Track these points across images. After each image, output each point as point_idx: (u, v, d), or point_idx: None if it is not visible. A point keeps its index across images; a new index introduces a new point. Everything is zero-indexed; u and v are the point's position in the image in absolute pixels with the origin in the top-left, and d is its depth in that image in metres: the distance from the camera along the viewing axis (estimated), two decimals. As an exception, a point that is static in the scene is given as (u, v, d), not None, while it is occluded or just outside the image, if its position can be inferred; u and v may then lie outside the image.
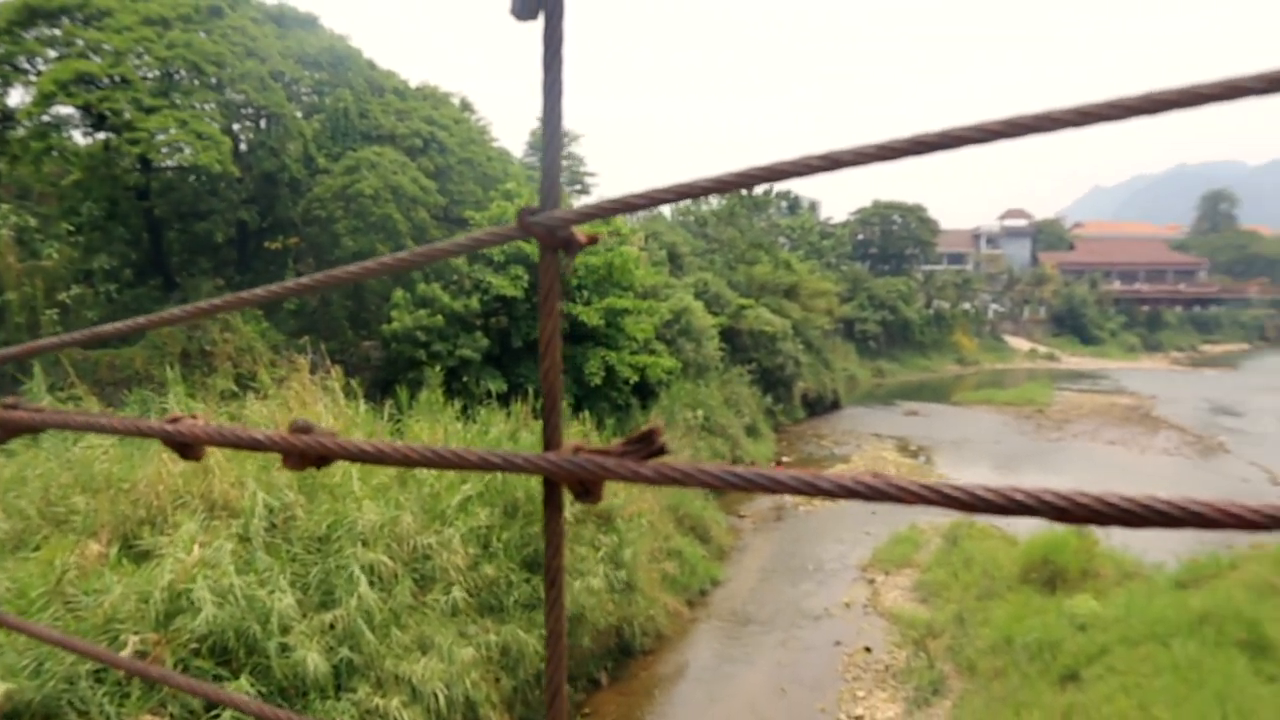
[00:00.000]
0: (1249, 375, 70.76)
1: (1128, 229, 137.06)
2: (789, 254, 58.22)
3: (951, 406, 51.52)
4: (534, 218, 0.68)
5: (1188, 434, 42.64)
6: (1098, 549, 18.41)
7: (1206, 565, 16.84)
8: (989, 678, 14.80)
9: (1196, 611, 13.90)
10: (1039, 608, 16.26)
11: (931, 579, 20.17)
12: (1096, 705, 12.19)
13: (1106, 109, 0.59)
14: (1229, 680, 11.78)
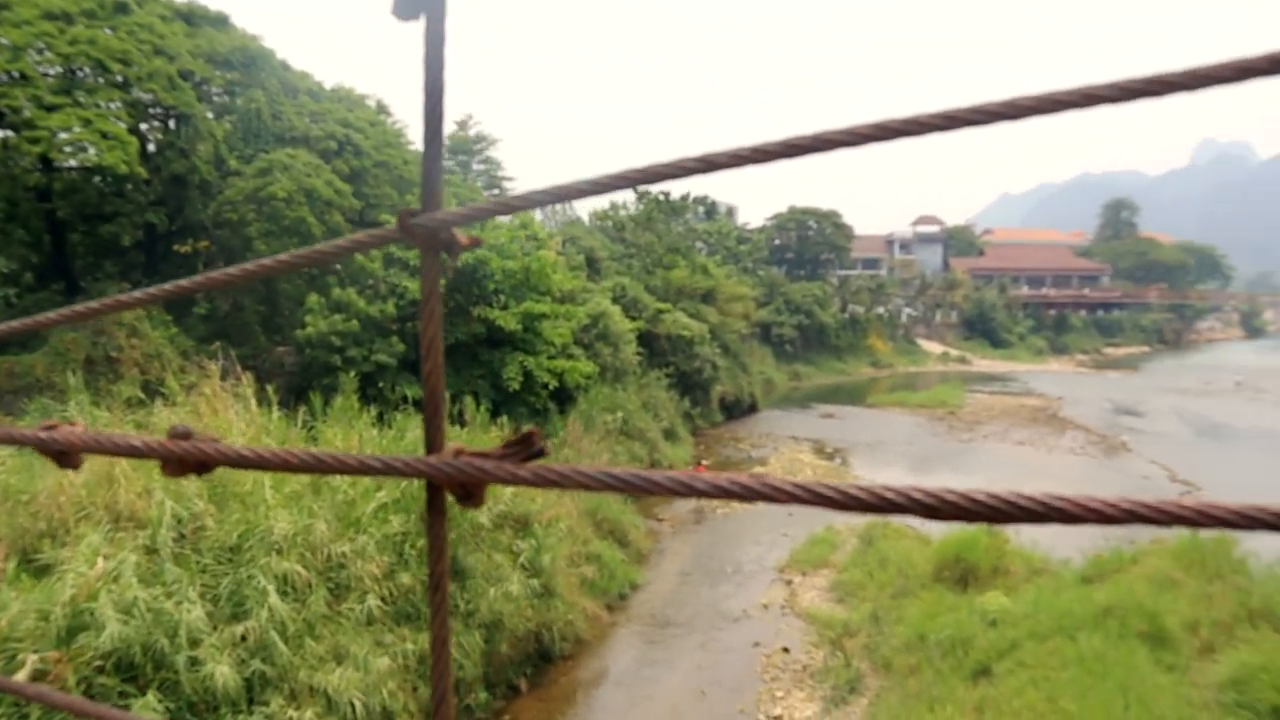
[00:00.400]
0: (1149, 377, 73.21)
1: (1035, 235, 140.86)
2: (706, 259, 58.61)
3: (866, 409, 52.32)
4: (415, 220, 0.67)
5: (1092, 434, 43.94)
6: (1008, 547, 18.87)
7: (1110, 560, 17.36)
8: (904, 675, 15.06)
9: (1101, 605, 14.33)
10: (952, 605, 16.60)
11: (848, 579, 20.46)
12: (1007, 699, 12.49)
13: (1037, 102, 0.61)
14: (1131, 670, 12.17)
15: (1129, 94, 0.58)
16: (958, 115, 0.62)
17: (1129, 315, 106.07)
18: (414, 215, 0.68)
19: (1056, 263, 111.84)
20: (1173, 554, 16.29)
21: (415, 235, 0.68)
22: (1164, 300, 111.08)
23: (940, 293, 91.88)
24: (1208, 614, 14.02)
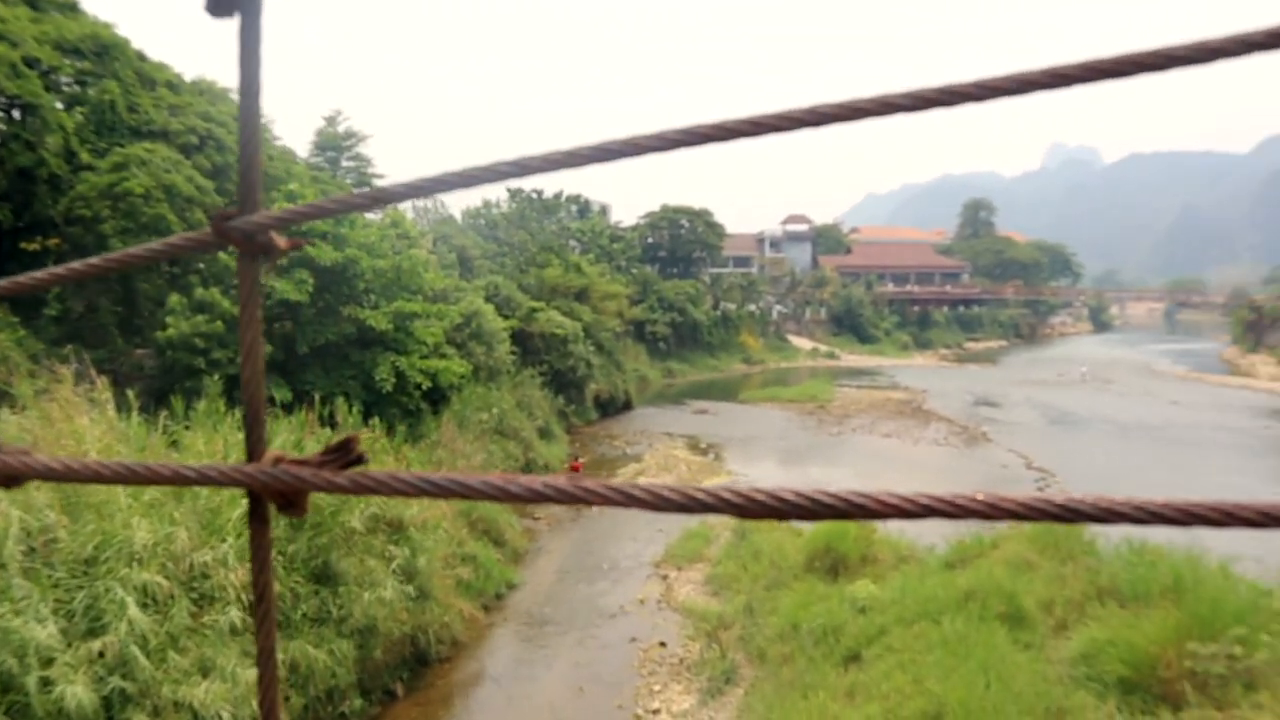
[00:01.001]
0: (1007, 370, 76.31)
1: (899, 234, 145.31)
2: (580, 257, 58.67)
3: (739, 405, 53.09)
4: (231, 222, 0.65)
5: (955, 425, 45.54)
6: (876, 536, 19.43)
7: (972, 546, 18.01)
8: (778, 664, 15.35)
9: (963, 589, 14.87)
10: (823, 594, 16.99)
11: (722, 572, 20.74)
12: (876, 683, 12.85)
13: (907, 99, 0.62)
14: (991, 650, 12.66)
15: (992, 92, 0.60)
16: (826, 111, 0.63)
17: (988, 311, 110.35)
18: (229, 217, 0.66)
19: (920, 260, 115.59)
20: (1029, 538, 17.00)
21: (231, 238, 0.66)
22: (1020, 296, 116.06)
23: (809, 290, 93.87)
24: (1061, 593, 14.69)
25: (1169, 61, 0.56)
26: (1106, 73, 0.57)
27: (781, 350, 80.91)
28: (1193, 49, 0.55)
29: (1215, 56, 0.55)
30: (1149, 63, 0.56)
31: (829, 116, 0.63)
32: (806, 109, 0.63)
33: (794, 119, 0.63)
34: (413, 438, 24.85)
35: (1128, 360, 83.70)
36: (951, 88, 0.62)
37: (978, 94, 0.61)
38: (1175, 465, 35.50)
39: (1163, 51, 0.56)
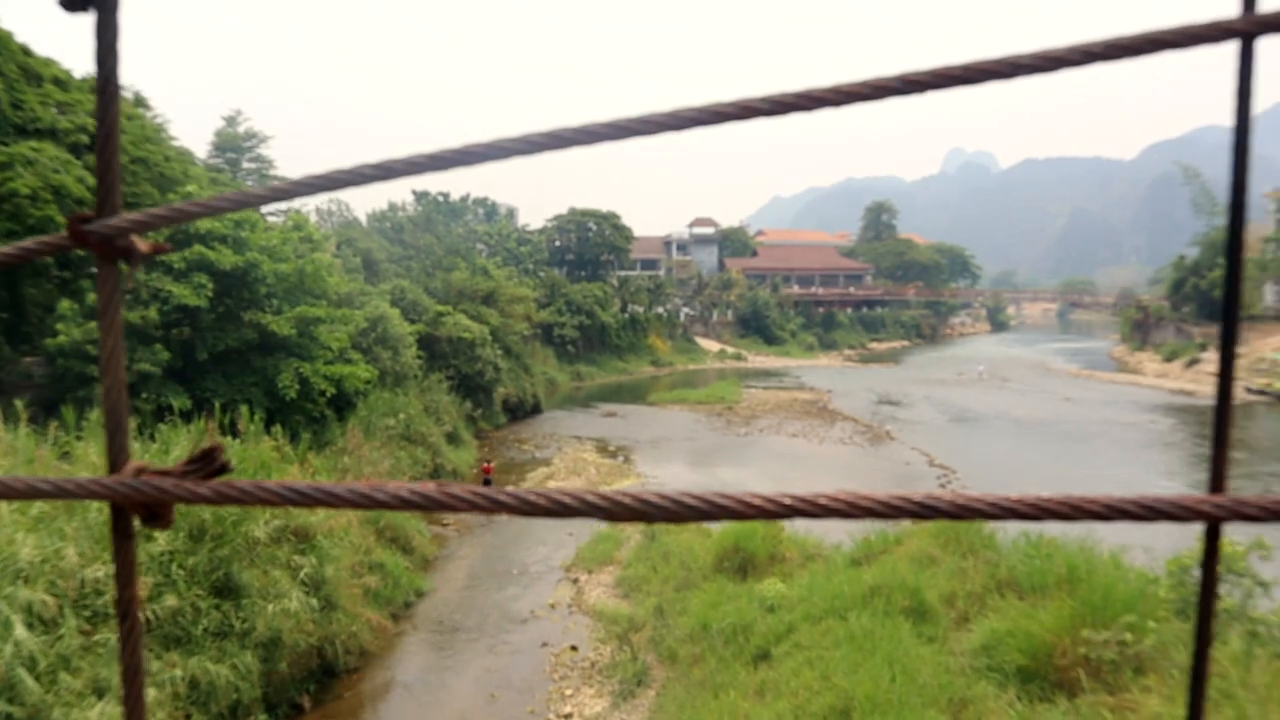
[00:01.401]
0: (909, 369, 78.03)
1: (804, 236, 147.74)
2: (487, 260, 58.31)
3: (648, 407, 53.31)
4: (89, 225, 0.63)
5: (860, 424, 46.40)
6: (784, 535, 19.69)
7: (877, 543, 18.37)
8: (689, 664, 15.44)
9: (869, 585, 15.16)
10: (732, 594, 17.15)
11: (632, 574, 20.79)
12: (785, 680, 13.02)
13: (800, 99, 0.63)
14: (896, 644, 12.94)
15: (915, 87, 0.62)
16: (750, 105, 0.64)
17: (890, 312, 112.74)
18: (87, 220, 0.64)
19: (824, 262, 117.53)
20: (932, 534, 17.40)
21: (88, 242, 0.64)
22: (921, 297, 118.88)
23: (716, 292, 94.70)
24: (963, 587, 15.06)
25: (1015, 70, 0.59)
26: (958, 79, 0.59)
27: (689, 352, 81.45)
28: (1038, 58, 0.59)
29: (1058, 66, 0.59)
30: (998, 70, 0.58)
31: (752, 111, 0.64)
32: (731, 103, 0.64)
33: (718, 113, 0.64)
34: (318, 445, 24.40)
35: (1024, 359, 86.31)
36: (837, 88, 0.63)
37: (868, 94, 0.63)
38: (1068, 459, 36.71)
39: (1010, 60, 0.59)
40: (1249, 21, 0.60)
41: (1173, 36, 0.59)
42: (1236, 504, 0.58)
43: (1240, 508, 0.58)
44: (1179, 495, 0.59)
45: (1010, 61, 0.60)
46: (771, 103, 0.63)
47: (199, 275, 23.43)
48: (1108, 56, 0.60)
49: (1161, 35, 0.59)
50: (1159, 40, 0.59)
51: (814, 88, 0.64)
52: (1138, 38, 0.59)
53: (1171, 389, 62.33)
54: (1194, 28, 0.60)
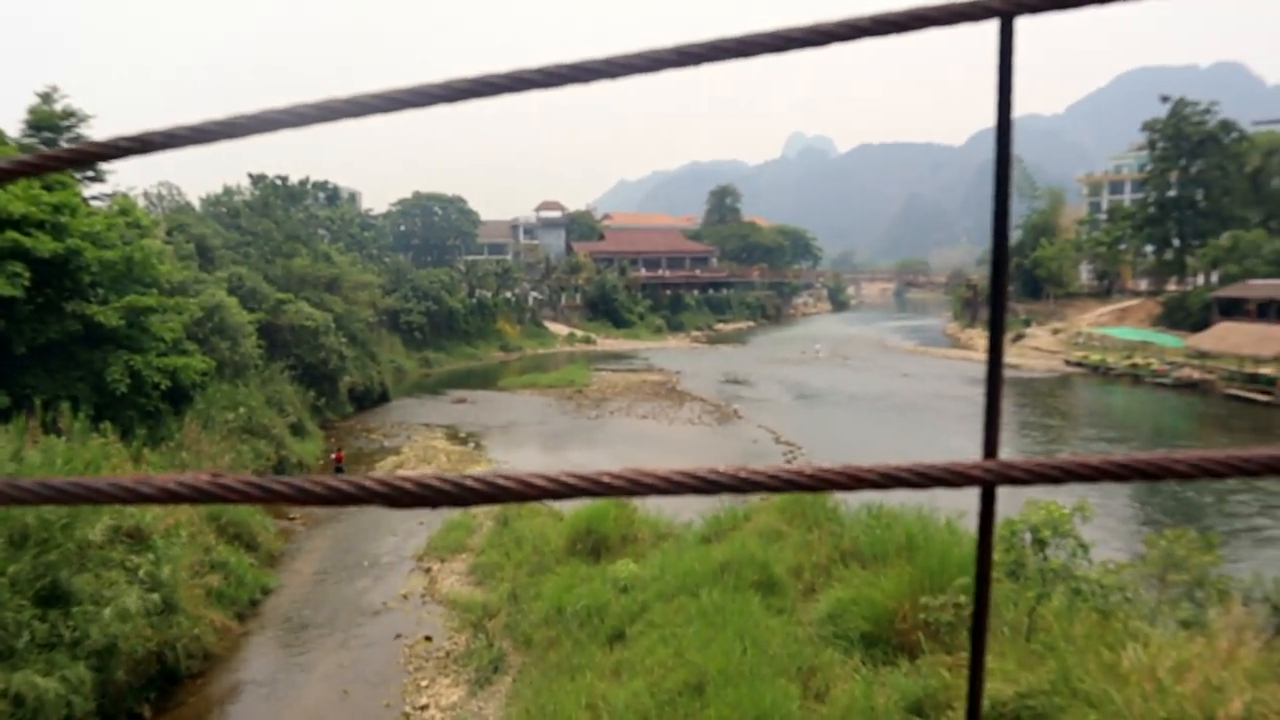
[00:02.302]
0: (755, 349, 79.79)
1: (651, 220, 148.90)
2: (329, 246, 56.84)
3: (499, 392, 53.01)
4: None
5: (708, 404, 47.24)
6: (636, 516, 19.93)
7: (726, 520, 18.80)
8: (545, 648, 15.50)
9: (719, 562, 15.52)
10: (586, 576, 17.29)
11: (486, 561, 20.70)
12: (640, 658, 13.23)
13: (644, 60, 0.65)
14: (746, 618, 13.31)
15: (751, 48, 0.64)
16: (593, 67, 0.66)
17: (736, 293, 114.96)
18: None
19: (670, 245, 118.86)
20: (778, 509, 17.92)
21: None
22: (765, 279, 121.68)
23: (564, 276, 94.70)
24: (809, 559, 15.60)
25: (748, 48, 0.63)
26: (699, 57, 0.63)
27: (539, 336, 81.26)
28: (810, 32, 0.63)
29: (828, 40, 0.63)
30: (733, 49, 0.62)
31: (629, 68, 0.66)
32: (604, 60, 0.66)
33: (590, 70, 0.66)
34: (153, 441, 23.37)
35: (864, 337, 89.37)
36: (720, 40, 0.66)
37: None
38: (905, 431, 38.33)
39: (782, 33, 0.63)
40: (1008, 2, 0.64)
41: (937, 14, 0.62)
42: (1004, 468, 0.62)
43: (1008, 471, 0.62)
44: (951, 462, 0.62)
45: (782, 35, 0.63)
46: (647, 59, 0.65)
47: (12, 263, 21.99)
48: (876, 32, 0.63)
49: (926, 12, 0.62)
50: (924, 17, 0.62)
51: (658, 48, 0.65)
52: (905, 14, 0.62)
53: (999, 363, 65.43)
54: (956, 6, 0.63)
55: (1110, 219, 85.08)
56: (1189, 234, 73.86)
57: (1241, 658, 9.45)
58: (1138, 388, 53.53)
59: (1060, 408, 48.35)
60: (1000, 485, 0.65)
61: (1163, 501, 27.54)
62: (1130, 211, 79.90)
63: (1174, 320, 65.00)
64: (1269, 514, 26.56)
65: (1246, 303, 58.29)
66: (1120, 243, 79.77)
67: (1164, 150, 73.97)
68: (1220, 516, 25.99)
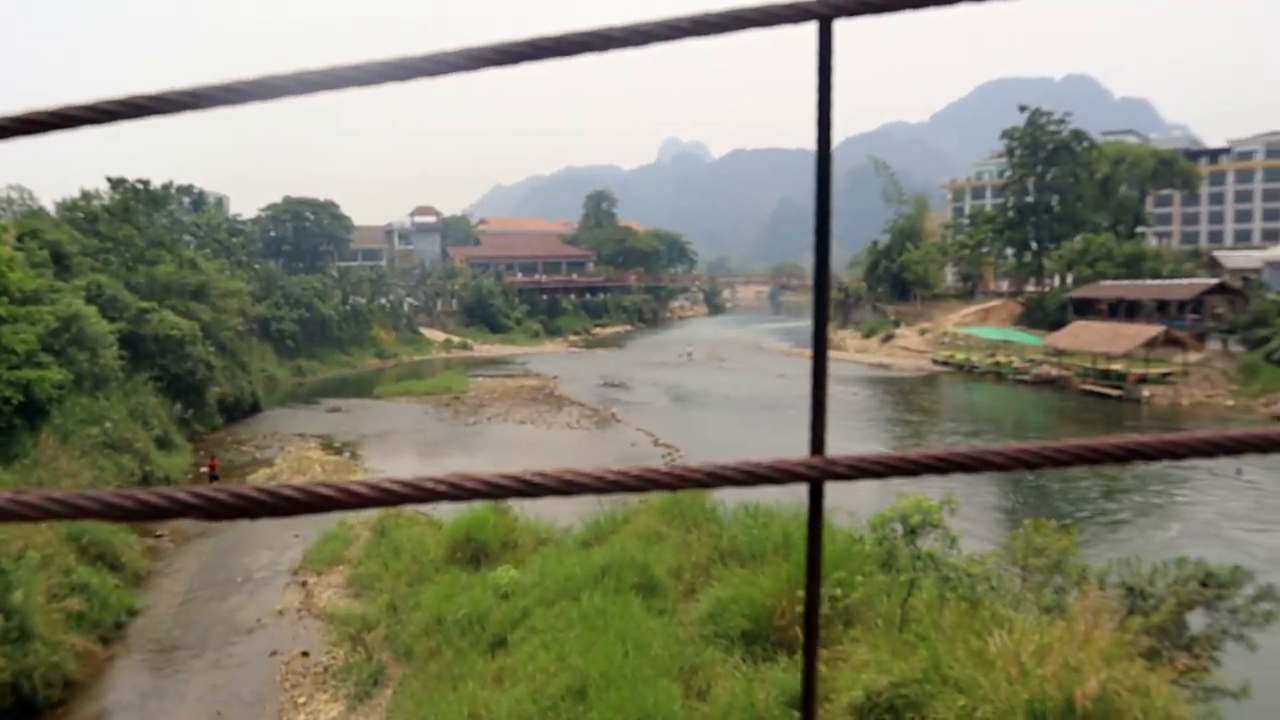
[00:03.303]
0: (632, 353, 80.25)
1: (527, 224, 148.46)
2: (195, 252, 54.96)
3: (374, 400, 52.14)
4: None
5: (586, 409, 47.32)
6: (517, 522, 19.86)
7: (606, 523, 18.90)
8: (425, 659, 15.34)
9: (600, 565, 15.61)
10: (466, 584, 17.17)
11: (364, 572, 20.35)
12: (523, 665, 13.22)
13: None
14: (628, 620, 13.43)
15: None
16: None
17: (612, 297, 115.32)
18: None
19: (547, 250, 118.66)
20: (658, 511, 18.10)
21: None
22: (642, 283, 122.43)
23: (440, 282, 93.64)
24: (689, 560, 15.82)
25: (566, 47, 0.63)
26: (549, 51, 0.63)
27: (415, 343, 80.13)
28: (629, 31, 0.63)
29: (648, 40, 0.64)
30: (551, 48, 0.63)
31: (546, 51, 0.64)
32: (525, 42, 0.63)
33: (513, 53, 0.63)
34: (5, 458, 22.27)
35: (739, 339, 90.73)
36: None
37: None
38: (778, 430, 39.07)
39: (601, 32, 0.63)
40: (825, 5, 0.65)
41: (756, 15, 0.63)
42: (829, 464, 0.65)
43: (832, 468, 0.65)
44: (778, 460, 0.65)
45: (602, 34, 0.63)
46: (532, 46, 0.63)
47: None
48: (697, 32, 0.64)
49: (745, 13, 0.63)
50: (743, 18, 0.63)
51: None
52: (723, 15, 0.63)
53: (870, 363, 67.49)
54: (775, 8, 0.63)
55: (973, 223, 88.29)
56: (1045, 237, 77.19)
57: (1097, 639, 9.94)
58: (1000, 385, 55.72)
59: (925, 405, 50.06)
60: (825, 481, 0.67)
61: (1024, 494, 28.76)
62: (991, 216, 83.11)
63: (1033, 320, 67.76)
64: (1113, 498, 28.18)
65: (1098, 302, 61.30)
66: (983, 246, 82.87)
67: (1022, 158, 77.21)
68: (1069, 503, 27.28)
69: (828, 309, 0.77)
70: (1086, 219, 74.95)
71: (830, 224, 0.77)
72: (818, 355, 0.76)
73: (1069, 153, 75.69)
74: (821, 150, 0.74)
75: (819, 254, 0.78)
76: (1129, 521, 26.41)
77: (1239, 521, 25.72)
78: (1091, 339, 52.16)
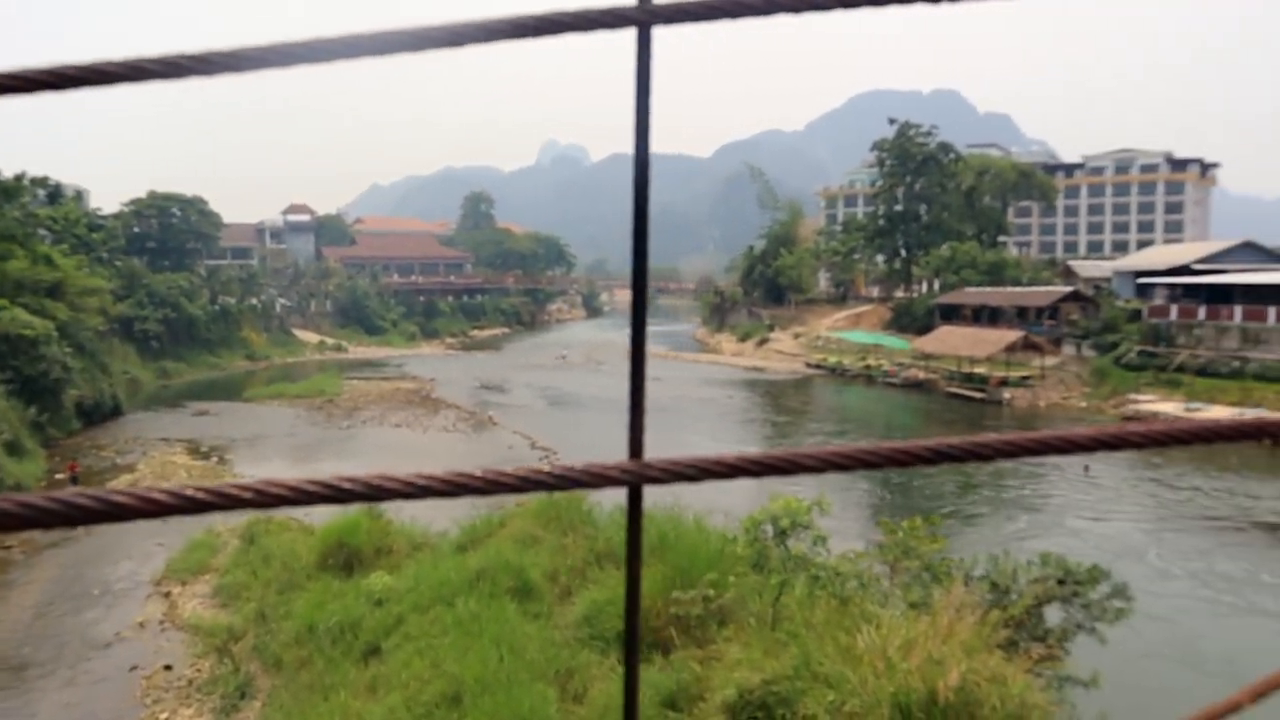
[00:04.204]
0: (510, 355, 79.88)
1: (404, 225, 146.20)
2: (51, 248, 52.47)
3: (244, 403, 50.77)
4: None
5: (463, 411, 46.92)
6: (391, 527, 19.58)
7: (482, 527, 18.77)
8: (296, 669, 15.00)
9: (475, 569, 15.52)
10: (339, 591, 16.84)
11: (231, 581, 19.78)
12: (396, 673, 13.06)
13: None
14: (503, 625, 13.39)
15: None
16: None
17: (491, 299, 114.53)
18: None
19: (424, 251, 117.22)
20: (534, 514, 18.07)
21: None
22: (520, 285, 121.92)
23: (314, 282, 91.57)
24: (564, 563, 15.85)
25: (382, 45, 0.63)
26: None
27: (287, 345, 78.19)
28: (446, 32, 0.63)
29: (460, 41, 0.64)
30: (366, 46, 0.63)
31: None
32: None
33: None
34: None
35: (617, 343, 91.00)
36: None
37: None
38: (655, 434, 39.29)
39: (419, 33, 0.63)
40: (644, 11, 0.66)
41: (574, 20, 0.63)
42: (643, 468, 0.66)
43: (646, 471, 0.66)
44: (593, 464, 0.66)
45: (420, 34, 0.62)
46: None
47: None
48: (514, 35, 0.64)
49: (563, 18, 0.63)
50: (561, 23, 0.63)
51: None
52: (540, 18, 0.63)
53: (745, 366, 68.62)
54: (593, 13, 0.64)
55: (846, 230, 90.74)
56: (914, 245, 79.81)
57: (959, 632, 10.33)
58: (871, 387, 57.32)
59: (796, 406, 51.24)
60: (640, 485, 0.69)
61: (893, 495, 29.68)
62: (863, 224, 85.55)
63: (903, 324, 69.88)
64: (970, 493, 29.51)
65: (963, 308, 63.61)
66: (855, 252, 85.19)
67: (892, 168, 79.68)
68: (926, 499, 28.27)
69: (645, 316, 0.77)
70: (952, 228, 77.78)
71: (648, 227, 0.77)
72: (635, 363, 0.76)
73: (936, 164, 78.48)
74: (640, 153, 0.74)
75: (636, 261, 0.77)
76: (983, 515, 27.69)
77: (1083, 513, 27.49)
78: (956, 343, 54.09)
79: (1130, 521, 26.68)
